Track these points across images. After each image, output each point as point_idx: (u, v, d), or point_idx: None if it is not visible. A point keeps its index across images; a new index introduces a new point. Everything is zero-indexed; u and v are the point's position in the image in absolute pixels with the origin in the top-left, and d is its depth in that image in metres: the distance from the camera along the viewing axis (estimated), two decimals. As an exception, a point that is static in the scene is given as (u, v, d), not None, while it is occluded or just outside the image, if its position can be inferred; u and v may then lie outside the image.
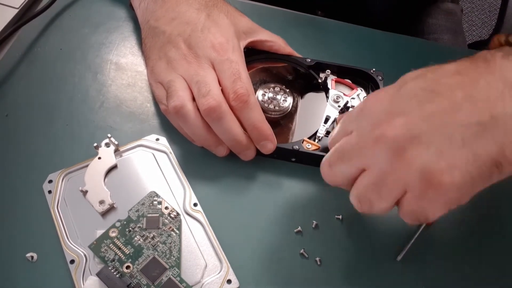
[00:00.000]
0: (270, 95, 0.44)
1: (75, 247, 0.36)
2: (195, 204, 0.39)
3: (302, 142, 0.41)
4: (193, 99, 0.39)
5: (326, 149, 0.42)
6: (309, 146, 0.41)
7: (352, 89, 0.44)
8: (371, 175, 0.30)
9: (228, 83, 0.39)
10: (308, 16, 0.53)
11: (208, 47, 0.40)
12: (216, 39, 0.40)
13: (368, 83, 0.45)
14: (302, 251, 0.38)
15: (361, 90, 0.44)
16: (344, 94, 0.44)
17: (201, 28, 0.41)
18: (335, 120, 0.43)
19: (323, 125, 0.42)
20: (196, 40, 0.40)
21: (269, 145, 0.39)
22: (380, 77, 0.44)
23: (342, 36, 0.52)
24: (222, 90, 0.39)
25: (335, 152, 0.33)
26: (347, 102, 0.43)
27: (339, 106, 0.43)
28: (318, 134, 0.42)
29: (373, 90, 0.45)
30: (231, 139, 0.39)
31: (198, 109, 0.38)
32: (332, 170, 0.33)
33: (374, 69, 0.45)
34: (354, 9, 0.64)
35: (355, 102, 0.44)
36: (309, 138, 0.42)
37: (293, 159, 0.42)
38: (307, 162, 0.42)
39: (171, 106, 0.38)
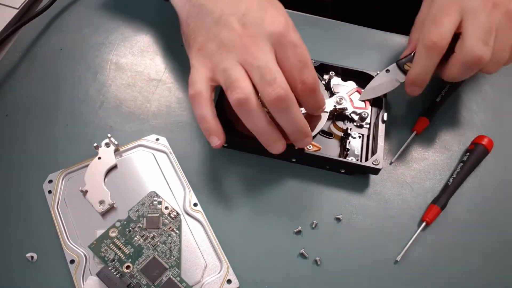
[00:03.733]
0: None
1: (75, 247, 0.36)
2: (195, 204, 0.39)
3: None
4: (254, 87, 0.36)
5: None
6: (310, 147, 0.41)
7: (364, 104, 0.44)
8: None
9: (295, 71, 0.36)
10: (313, 17, 0.53)
11: (267, 28, 0.36)
12: (275, 19, 0.36)
13: None
14: (302, 251, 0.38)
15: (368, 112, 0.44)
16: (351, 103, 0.43)
17: (257, 7, 0.37)
18: (332, 118, 0.43)
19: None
20: (253, 20, 0.36)
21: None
22: None
23: (345, 36, 0.52)
24: (285, 75, 0.36)
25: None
26: (346, 109, 0.43)
27: (334, 106, 0.43)
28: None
29: None
30: (296, 128, 0.36)
31: (260, 100, 0.36)
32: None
33: (378, 72, 0.45)
34: (359, 8, 0.64)
35: (353, 114, 0.43)
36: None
37: (294, 160, 0.42)
38: (307, 163, 0.42)
39: (235, 98, 0.35)
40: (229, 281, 0.36)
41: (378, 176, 0.42)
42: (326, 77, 0.45)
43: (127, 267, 0.35)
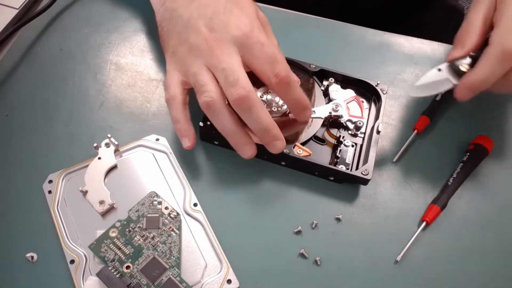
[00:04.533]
0: (269, 97, 0.43)
1: (75, 247, 0.36)
2: (195, 204, 0.39)
3: (294, 147, 0.40)
4: (220, 89, 0.37)
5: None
6: (300, 152, 0.40)
7: (361, 113, 0.44)
8: None
9: (266, 68, 0.37)
10: (312, 17, 0.53)
11: (232, 31, 0.37)
12: (240, 22, 0.38)
13: (371, 95, 0.45)
14: (302, 251, 0.38)
15: (366, 109, 0.44)
16: (348, 111, 0.43)
17: (223, 10, 0.38)
18: (326, 125, 0.43)
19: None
20: (219, 23, 0.38)
21: (309, 112, 0.40)
22: (384, 91, 0.44)
23: (345, 36, 0.52)
24: (257, 74, 0.37)
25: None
26: (341, 116, 0.43)
27: (330, 112, 0.43)
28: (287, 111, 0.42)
29: (376, 103, 0.45)
30: (262, 128, 0.37)
31: (227, 101, 0.37)
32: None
33: (378, 82, 0.44)
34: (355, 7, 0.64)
35: (348, 123, 0.43)
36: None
37: (283, 163, 0.42)
38: (296, 167, 0.42)
39: (203, 101, 0.37)
40: (229, 281, 0.36)
41: (378, 177, 0.42)
42: (325, 83, 0.45)
43: (127, 267, 0.35)
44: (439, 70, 0.40)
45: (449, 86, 0.39)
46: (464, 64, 0.39)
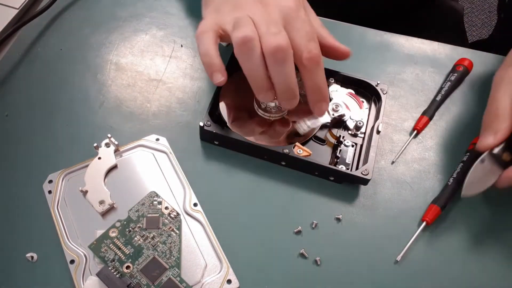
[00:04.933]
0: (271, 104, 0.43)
1: (75, 247, 0.36)
2: (195, 204, 0.39)
3: (294, 147, 0.40)
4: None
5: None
6: (300, 152, 0.40)
7: (360, 108, 0.44)
8: None
9: (302, 41, 0.36)
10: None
11: (281, 2, 0.38)
12: None
13: (371, 95, 0.45)
14: (302, 251, 0.38)
15: (366, 109, 0.44)
16: (346, 107, 0.43)
17: None
18: (325, 126, 0.43)
19: (307, 120, 0.42)
20: None
21: (325, 105, 0.39)
22: (384, 91, 0.44)
23: (345, 36, 0.52)
24: (292, 46, 0.36)
25: None
26: (343, 115, 0.43)
27: (333, 115, 0.43)
28: (298, 128, 0.42)
29: (376, 103, 0.45)
30: (287, 84, 0.36)
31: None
32: None
33: (378, 82, 0.44)
34: (355, 7, 0.64)
35: (354, 113, 0.43)
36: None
37: (283, 163, 0.42)
38: (296, 167, 0.42)
39: (240, 35, 0.35)
40: (229, 281, 0.36)
41: (378, 177, 0.42)
42: None
43: (127, 267, 0.35)
44: (482, 161, 0.38)
45: (496, 177, 0.37)
46: (505, 153, 0.37)
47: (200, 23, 0.39)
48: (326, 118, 0.42)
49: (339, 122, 0.44)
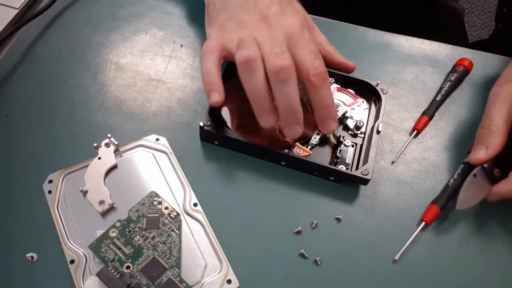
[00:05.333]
0: None
1: (75, 247, 0.36)
2: (195, 204, 0.39)
3: (294, 147, 0.40)
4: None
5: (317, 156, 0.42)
6: (300, 152, 0.40)
7: (354, 99, 0.44)
8: None
9: (308, 59, 0.37)
10: (312, 17, 0.53)
11: (286, 21, 0.39)
12: (294, 18, 0.40)
13: (371, 95, 0.45)
14: (302, 251, 0.38)
15: (363, 102, 0.44)
16: (344, 104, 0.44)
17: (279, 4, 0.40)
18: None
19: (318, 133, 0.42)
20: (275, 12, 0.40)
21: (334, 124, 0.38)
22: (384, 91, 0.44)
23: (345, 36, 0.52)
24: (297, 64, 0.37)
25: None
26: (345, 112, 0.43)
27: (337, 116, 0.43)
28: (311, 142, 0.42)
29: (376, 103, 0.45)
30: (289, 106, 0.36)
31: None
32: None
33: (378, 82, 0.44)
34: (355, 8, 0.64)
35: (354, 113, 0.43)
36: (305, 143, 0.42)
37: (283, 163, 0.42)
38: (296, 167, 0.42)
39: (244, 55, 0.36)
40: (229, 281, 0.36)
41: (378, 177, 0.42)
42: None
43: (127, 267, 0.35)
44: (475, 176, 0.39)
45: (486, 192, 0.39)
46: (496, 169, 0.39)
47: (205, 42, 0.40)
48: None
49: (342, 120, 0.44)
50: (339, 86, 0.45)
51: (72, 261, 0.36)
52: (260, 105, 0.37)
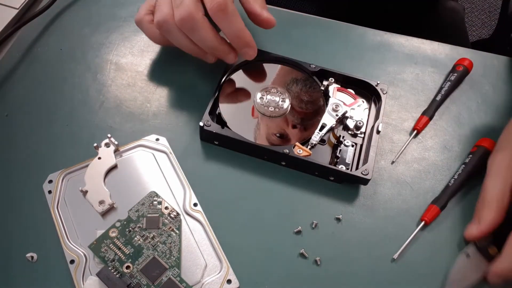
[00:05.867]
0: (269, 97, 0.43)
1: (75, 247, 0.36)
2: (195, 204, 0.39)
3: (294, 147, 0.40)
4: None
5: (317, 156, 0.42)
6: (300, 152, 0.40)
7: (354, 99, 0.44)
8: None
9: None
10: (313, 17, 0.53)
11: None
12: None
13: (371, 95, 0.45)
14: (301, 251, 0.38)
15: (363, 102, 0.44)
16: (344, 104, 0.44)
17: None
18: (331, 129, 0.43)
19: (318, 132, 0.42)
20: None
21: (251, 51, 0.40)
22: (384, 91, 0.44)
23: (345, 36, 0.52)
24: (202, 1, 0.38)
25: None
26: (345, 112, 0.43)
27: (337, 115, 0.43)
28: (311, 141, 0.42)
29: (376, 103, 0.45)
30: (208, 47, 0.39)
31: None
32: None
33: (378, 82, 0.44)
34: (356, 8, 0.64)
35: (354, 113, 0.43)
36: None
37: (283, 163, 0.42)
38: (296, 167, 0.42)
39: (155, 22, 0.40)
40: (229, 281, 0.36)
41: (378, 177, 0.42)
42: (325, 83, 0.45)
43: (127, 267, 0.35)
44: (468, 256, 0.37)
45: (481, 273, 0.36)
46: (491, 246, 0.36)
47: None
48: (331, 121, 0.42)
49: (342, 120, 0.44)
50: (339, 86, 0.45)
51: (72, 261, 0.36)
52: (193, 53, 0.41)
